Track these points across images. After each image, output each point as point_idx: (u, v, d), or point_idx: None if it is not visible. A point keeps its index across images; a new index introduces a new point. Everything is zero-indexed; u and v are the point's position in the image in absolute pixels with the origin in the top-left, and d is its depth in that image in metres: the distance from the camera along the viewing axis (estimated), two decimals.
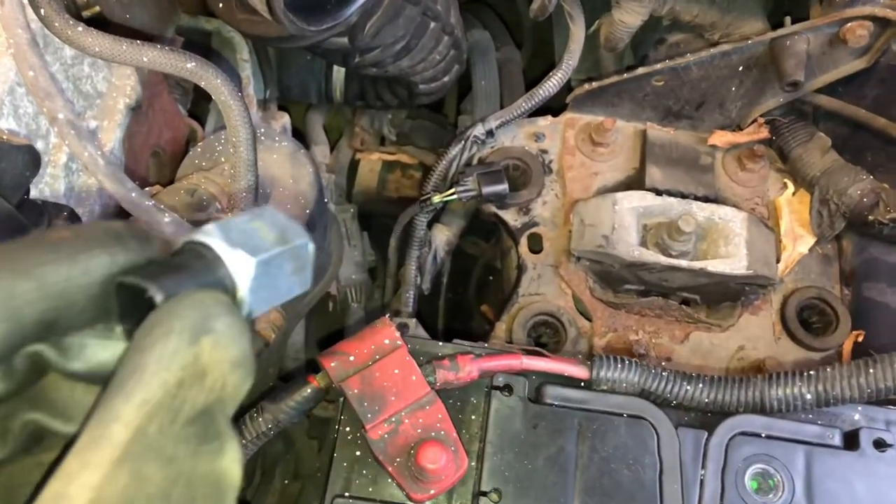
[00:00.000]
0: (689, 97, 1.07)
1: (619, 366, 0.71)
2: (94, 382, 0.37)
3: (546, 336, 1.02)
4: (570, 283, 1.03)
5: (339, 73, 1.25)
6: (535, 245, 1.07)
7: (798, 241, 1.07)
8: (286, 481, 1.02)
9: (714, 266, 0.97)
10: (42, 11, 0.63)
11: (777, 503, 0.66)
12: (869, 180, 1.01)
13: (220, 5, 0.83)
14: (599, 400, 0.69)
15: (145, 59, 0.65)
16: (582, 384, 0.71)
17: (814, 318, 1.04)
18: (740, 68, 1.01)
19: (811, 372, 0.69)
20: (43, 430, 0.38)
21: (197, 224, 0.70)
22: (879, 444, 0.68)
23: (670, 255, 0.98)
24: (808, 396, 0.67)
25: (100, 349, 0.37)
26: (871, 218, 0.99)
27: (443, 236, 1.15)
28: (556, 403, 0.69)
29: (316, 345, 1.10)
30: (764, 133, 1.09)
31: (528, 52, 1.44)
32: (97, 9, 0.76)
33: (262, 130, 0.90)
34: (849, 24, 0.91)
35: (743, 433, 0.68)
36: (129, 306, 0.36)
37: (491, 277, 1.40)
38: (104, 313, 0.36)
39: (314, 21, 0.74)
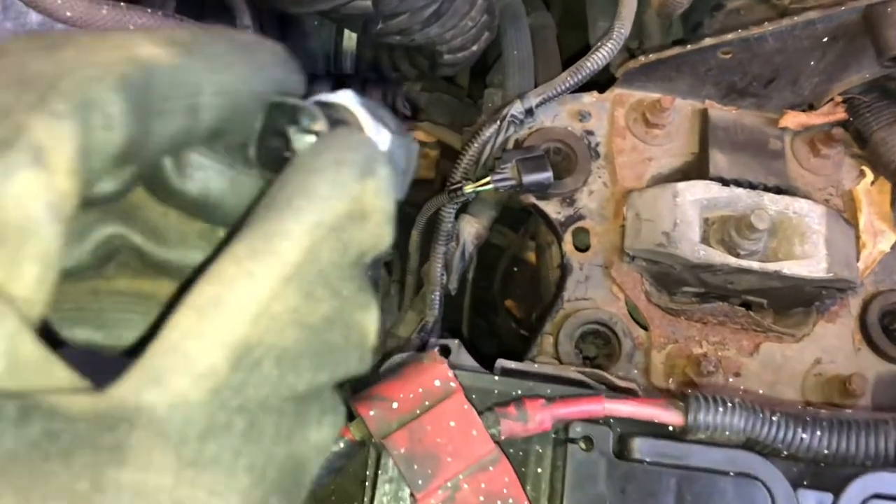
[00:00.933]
0: (759, 72, 0.93)
1: (721, 409, 0.58)
2: (191, 212, 0.36)
3: (596, 347, 0.89)
4: (622, 286, 0.90)
5: (349, 40, 1.11)
6: (582, 242, 0.93)
7: (879, 237, 0.94)
8: None
9: (790, 268, 0.84)
10: None
11: None
12: None
13: None
14: (700, 455, 0.57)
15: (131, 28, 0.50)
16: (671, 429, 0.59)
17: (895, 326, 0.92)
18: (825, 39, 0.87)
19: None
20: (124, 249, 0.36)
21: None
22: None
23: (739, 255, 0.85)
24: None
25: (216, 175, 0.35)
26: None
27: (472, 229, 1.02)
28: (647, 460, 0.57)
29: None
30: (841, 114, 0.96)
31: (558, 13, 1.29)
32: None
33: None
34: None
35: (877, 496, 0.56)
36: (272, 136, 0.34)
37: (516, 269, 1.27)
38: (244, 136, 0.35)
39: None
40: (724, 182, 0.89)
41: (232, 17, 0.94)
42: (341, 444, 0.55)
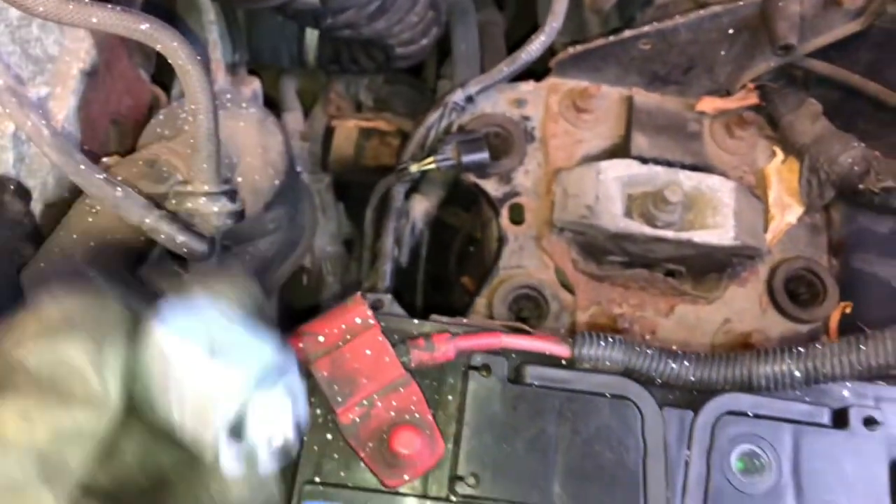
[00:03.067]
0: (677, 61, 1.03)
1: (603, 343, 0.68)
2: None
3: (527, 310, 0.98)
4: (552, 255, 1.00)
5: (311, 35, 1.20)
6: (517, 216, 1.03)
7: (786, 210, 1.04)
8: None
9: (700, 237, 0.94)
10: None
11: (764, 484, 0.63)
12: (860, 148, 0.98)
13: None
14: (582, 380, 0.66)
15: (94, 20, 0.60)
16: (564, 363, 0.68)
17: (801, 290, 1.01)
18: (730, 31, 0.97)
19: (801, 349, 0.66)
20: None
21: (156, 198, 0.65)
22: (869, 422, 0.66)
23: (656, 226, 0.94)
24: (797, 374, 0.65)
25: None
26: (861, 187, 0.96)
27: (421, 207, 1.11)
28: (536, 384, 0.66)
29: (290, 320, 1.07)
30: (753, 99, 1.05)
31: (511, 14, 1.39)
32: None
33: (229, 96, 0.85)
34: None
35: (730, 412, 0.65)
36: None
37: (472, 248, 1.37)
38: None
39: None
40: (644, 161, 0.99)
41: (199, 13, 1.04)
42: None
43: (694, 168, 1.00)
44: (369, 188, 1.17)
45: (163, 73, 1.03)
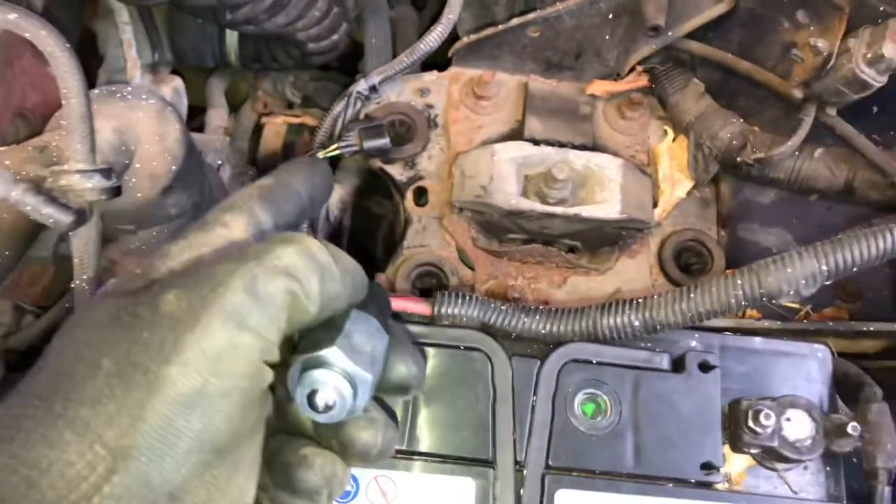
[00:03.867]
0: (567, 47, 1.09)
1: (460, 301, 0.73)
2: None
3: (430, 287, 1.04)
4: (453, 233, 1.05)
5: (231, 36, 1.25)
6: (421, 198, 1.08)
7: (676, 185, 1.09)
8: None
9: (588, 211, 0.99)
10: None
11: (604, 425, 0.68)
12: (738, 123, 1.04)
13: None
14: (438, 334, 0.71)
15: None
16: (425, 321, 0.73)
17: (693, 260, 1.07)
18: (610, 16, 1.03)
19: (640, 300, 0.71)
20: None
21: (37, 180, 0.70)
22: (704, 367, 0.71)
23: (548, 203, 1.00)
24: (636, 323, 0.70)
25: None
26: (739, 159, 1.02)
27: (335, 195, 1.16)
28: None
29: None
30: (643, 81, 1.11)
31: (432, 11, 1.44)
32: None
33: (129, 89, 0.90)
34: None
35: (574, 360, 0.70)
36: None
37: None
38: None
39: None
40: (536, 142, 1.04)
41: (112, 15, 1.08)
42: None
43: (584, 148, 1.06)
44: None
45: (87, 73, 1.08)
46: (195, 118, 1.35)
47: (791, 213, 1.06)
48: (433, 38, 1.09)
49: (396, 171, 1.09)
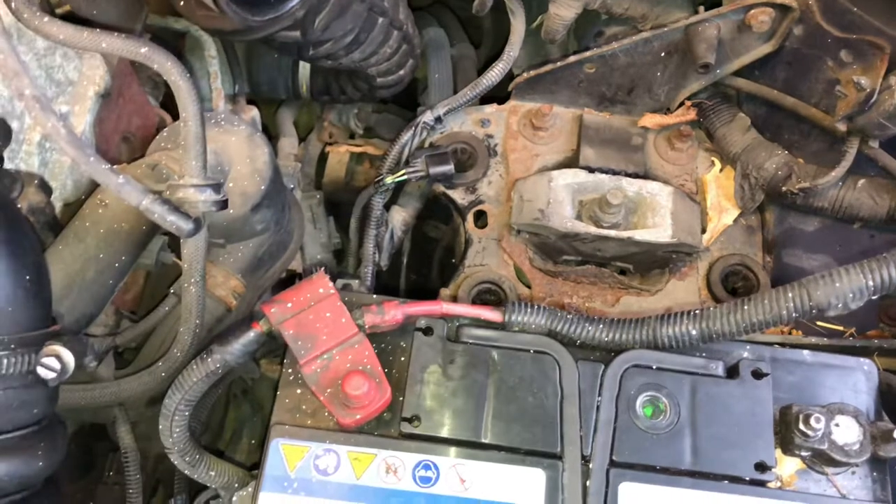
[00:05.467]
0: (620, 83, 1.16)
1: (529, 310, 0.79)
2: None
3: (490, 302, 1.10)
4: (511, 254, 1.12)
5: (304, 69, 1.35)
6: (481, 221, 1.16)
7: (724, 213, 1.15)
8: (253, 441, 1.11)
9: (641, 235, 1.05)
10: (12, 4, 0.73)
11: (664, 423, 0.74)
12: (783, 155, 1.10)
13: (181, 3, 0.93)
14: (509, 339, 0.78)
15: (104, 45, 0.74)
16: (496, 327, 0.80)
17: (738, 283, 1.12)
18: (662, 54, 1.10)
19: (697, 311, 0.77)
20: None
21: (156, 193, 0.79)
22: (756, 374, 0.76)
23: (601, 227, 1.06)
24: (694, 332, 0.76)
25: None
26: (784, 189, 1.08)
27: (399, 217, 1.24)
28: (470, 342, 0.78)
29: None
30: (691, 115, 1.18)
31: (488, 49, 1.54)
32: (67, 7, 0.86)
33: (223, 116, 0.99)
34: (752, 11, 1.00)
35: (636, 366, 0.76)
36: None
37: (453, 260, 1.49)
38: None
39: (258, 13, 0.83)
40: (591, 170, 1.11)
41: (202, 49, 1.19)
42: (251, 335, 0.77)
43: (636, 176, 1.13)
44: (352, 204, 1.31)
45: (171, 101, 1.18)
46: None
47: (835, 240, 1.11)
48: (495, 73, 1.17)
49: (458, 196, 1.17)
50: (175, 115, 1.14)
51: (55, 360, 0.59)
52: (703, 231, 1.13)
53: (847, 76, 0.97)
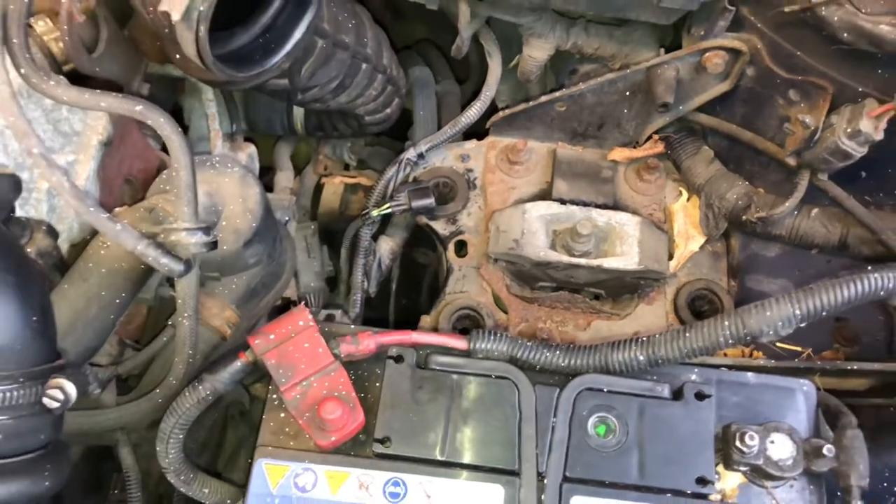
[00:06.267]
0: (590, 119, 1.24)
1: (492, 338, 0.86)
2: None
3: (468, 328, 1.17)
4: (489, 281, 1.19)
5: (298, 108, 1.43)
6: (461, 250, 1.23)
7: (690, 240, 1.22)
8: (249, 460, 1.18)
9: (609, 262, 1.12)
10: (21, 70, 0.81)
11: (613, 441, 0.81)
12: (744, 185, 1.17)
13: (177, 57, 1.01)
14: (473, 365, 0.85)
15: (103, 104, 0.82)
16: (463, 354, 0.87)
17: (704, 307, 1.19)
18: (627, 93, 1.17)
19: (644, 338, 0.84)
20: None
21: (150, 237, 0.87)
22: (699, 396, 0.83)
23: (573, 255, 1.13)
24: (641, 358, 0.83)
25: None
26: (745, 218, 1.14)
27: (386, 246, 1.32)
28: (437, 368, 0.85)
29: None
30: (659, 148, 1.25)
31: (474, 83, 1.61)
32: (72, 65, 0.95)
33: (218, 158, 1.07)
34: (707, 54, 1.07)
35: (589, 389, 0.83)
36: None
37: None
38: None
39: (244, 69, 0.92)
40: (563, 202, 1.18)
41: (200, 93, 1.27)
42: (238, 364, 0.85)
43: (606, 207, 1.20)
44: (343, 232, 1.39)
45: None
46: (263, 176, 1.53)
47: (794, 265, 1.17)
48: (473, 112, 1.25)
49: (440, 227, 1.24)
50: None
51: (59, 392, 0.67)
52: (671, 257, 1.20)
53: (795, 114, 1.04)
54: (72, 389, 0.68)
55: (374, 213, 1.23)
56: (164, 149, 1.23)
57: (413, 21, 1.59)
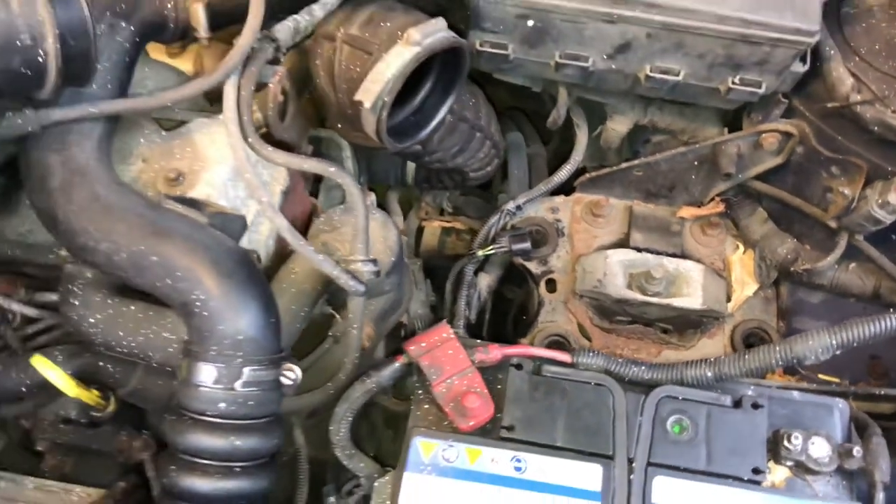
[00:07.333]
0: (663, 182, 1.49)
1: (591, 354, 1.11)
2: None
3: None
4: (575, 314, 1.44)
5: (410, 164, 1.71)
6: (551, 287, 1.48)
7: (745, 286, 1.46)
8: (371, 454, 1.43)
9: (677, 302, 1.36)
10: (249, 140, 1.09)
11: (686, 438, 1.04)
12: (792, 242, 1.40)
13: (339, 126, 1.30)
14: (577, 374, 1.09)
15: (305, 166, 1.11)
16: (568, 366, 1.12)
17: (756, 343, 1.41)
18: (695, 163, 1.43)
19: (711, 359, 1.08)
20: None
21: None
22: (755, 405, 1.05)
23: (647, 294, 1.38)
24: (709, 374, 1.07)
25: None
26: (792, 269, 1.38)
27: (485, 281, 1.57)
28: (549, 375, 1.10)
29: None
30: (720, 208, 1.49)
31: (555, 145, 1.88)
32: (264, 129, 1.23)
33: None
34: (763, 135, 1.32)
35: (668, 396, 1.07)
36: None
37: (525, 317, 1.81)
38: None
39: (402, 140, 1.20)
40: (639, 250, 1.43)
41: (340, 150, 1.56)
42: (397, 364, 1.11)
43: (675, 256, 1.44)
44: (448, 269, 1.65)
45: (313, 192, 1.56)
46: None
47: (834, 310, 1.40)
48: (563, 173, 1.52)
49: (533, 267, 1.50)
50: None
51: (292, 373, 0.93)
52: (729, 300, 1.43)
53: (836, 185, 1.27)
54: (299, 372, 0.94)
55: (480, 253, 1.49)
56: (312, 194, 1.52)
57: (501, 90, 1.87)
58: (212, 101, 1.25)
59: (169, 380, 1.12)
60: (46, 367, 1.01)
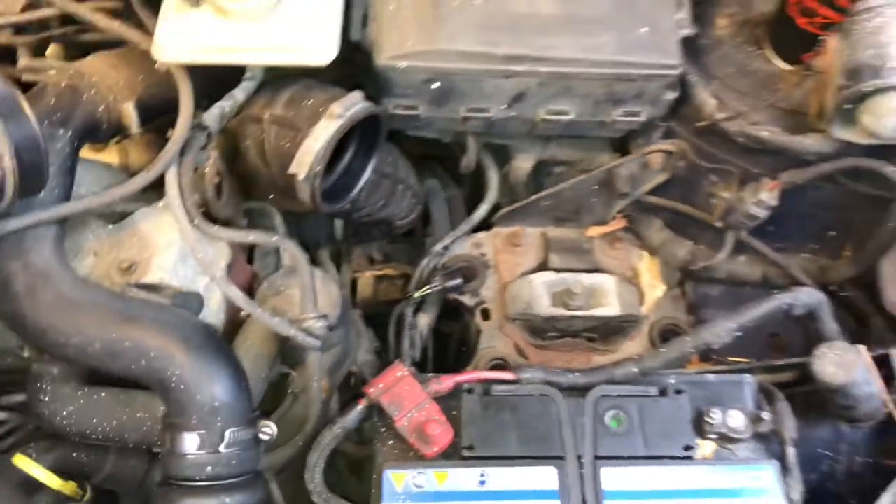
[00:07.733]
0: (569, 208, 1.65)
1: (532, 369, 1.24)
2: None
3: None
4: (511, 336, 1.57)
5: (338, 221, 1.82)
6: (486, 315, 1.61)
7: (655, 289, 1.62)
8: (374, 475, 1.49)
9: (598, 312, 1.51)
10: (195, 221, 1.19)
11: (623, 429, 1.18)
12: (689, 245, 1.59)
13: (272, 197, 1.41)
14: (522, 389, 1.22)
15: (251, 238, 1.21)
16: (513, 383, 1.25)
17: (671, 338, 1.58)
18: (595, 187, 1.60)
19: (636, 357, 1.23)
20: None
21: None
22: (678, 392, 1.21)
23: (570, 309, 1.52)
24: (635, 370, 1.22)
25: None
26: (692, 268, 1.56)
27: (424, 321, 1.68)
28: (497, 394, 1.22)
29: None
30: (622, 223, 1.66)
31: (469, 187, 2.03)
32: (204, 209, 1.32)
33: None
34: (649, 155, 1.50)
35: (602, 396, 1.21)
36: None
37: (464, 348, 1.93)
38: None
39: (334, 202, 1.31)
40: (558, 270, 1.58)
41: (270, 218, 1.66)
42: (360, 407, 1.20)
43: (590, 272, 1.59)
44: (387, 315, 1.75)
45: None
46: None
47: (734, 300, 1.57)
48: (481, 211, 1.66)
49: (467, 300, 1.62)
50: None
51: (269, 429, 1.02)
52: (642, 303, 1.60)
53: (717, 191, 1.46)
54: (274, 427, 1.03)
55: (416, 294, 1.61)
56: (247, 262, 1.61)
57: (414, 142, 2.01)
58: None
59: (141, 460, 1.19)
60: (31, 466, 1.07)
